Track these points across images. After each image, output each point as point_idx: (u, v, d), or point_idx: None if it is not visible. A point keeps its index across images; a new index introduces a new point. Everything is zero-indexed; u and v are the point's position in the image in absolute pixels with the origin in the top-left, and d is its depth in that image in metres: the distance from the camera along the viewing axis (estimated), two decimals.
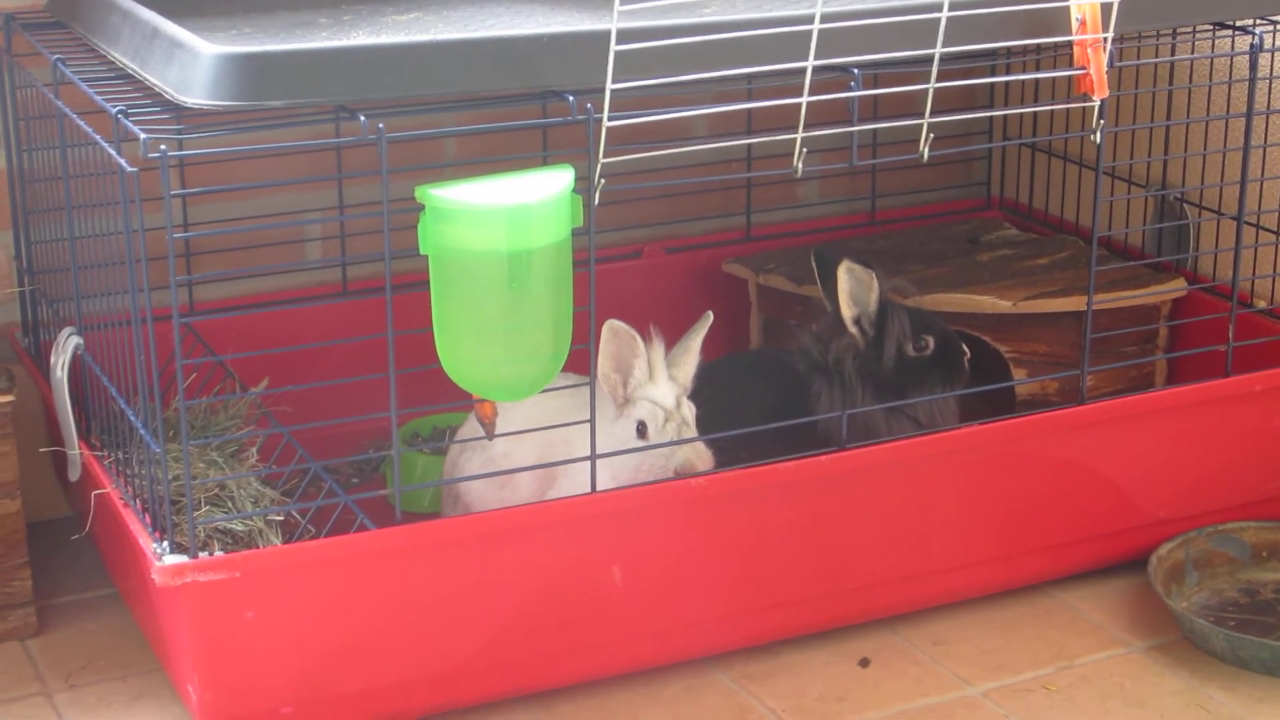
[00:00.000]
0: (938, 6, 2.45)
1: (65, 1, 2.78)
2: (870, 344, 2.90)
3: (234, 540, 2.53)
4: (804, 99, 2.41)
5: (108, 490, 2.53)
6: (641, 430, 2.59)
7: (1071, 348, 3.10)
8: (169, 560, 2.31)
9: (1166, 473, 2.88)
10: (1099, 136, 2.65)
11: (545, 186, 2.32)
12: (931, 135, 2.53)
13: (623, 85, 2.30)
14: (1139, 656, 2.74)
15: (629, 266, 3.45)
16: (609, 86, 2.29)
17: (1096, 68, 2.56)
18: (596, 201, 2.36)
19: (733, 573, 2.62)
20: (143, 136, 2.17)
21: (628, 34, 2.27)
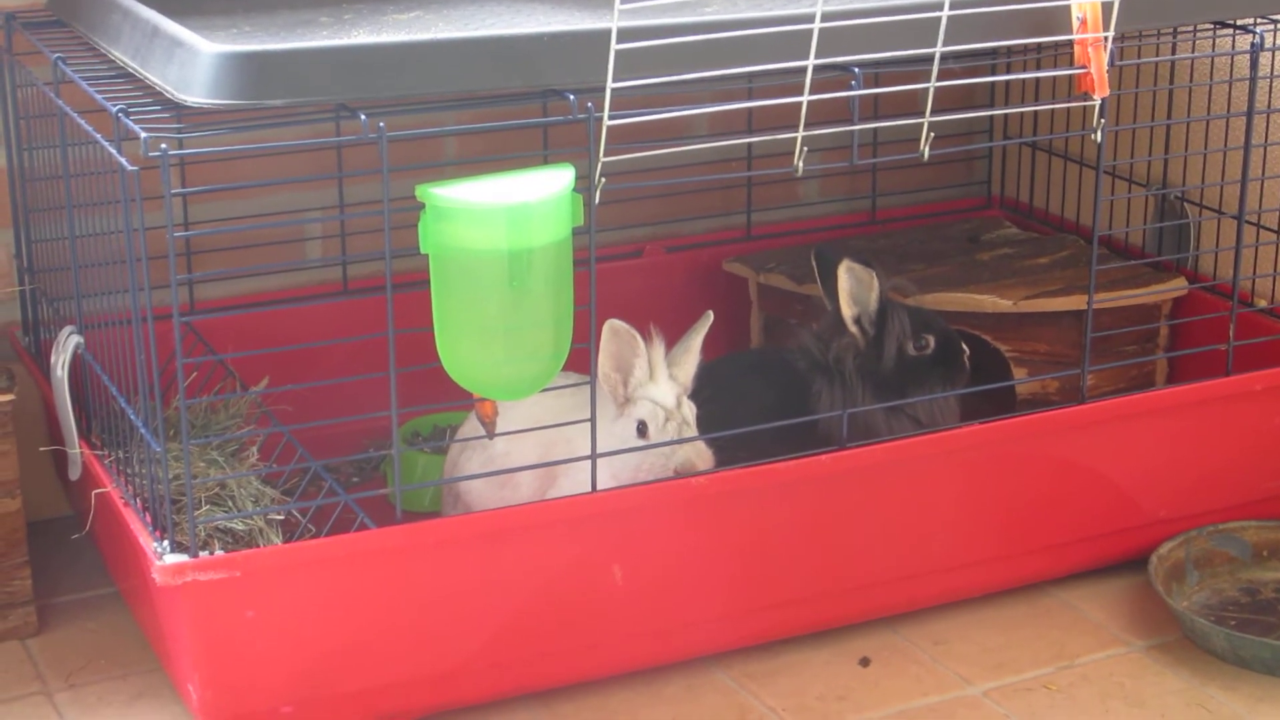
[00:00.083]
0: (938, 5, 2.45)
1: (66, 0, 2.78)
2: (871, 343, 2.90)
3: (234, 539, 2.53)
4: (804, 98, 2.41)
5: (108, 489, 2.53)
6: (642, 429, 2.59)
7: (1072, 347, 3.10)
8: (169, 559, 2.31)
9: (1167, 472, 2.88)
10: (1099, 135, 2.65)
11: (546, 185, 2.31)
12: (932, 134, 2.52)
13: (623, 84, 2.30)
14: (1139, 656, 2.74)
15: (629, 265, 3.45)
16: (609, 85, 2.28)
17: (1097, 67, 2.56)
18: (597, 200, 2.35)
19: (733, 572, 2.62)
20: (143, 135, 2.16)
21: (628, 33, 2.27)
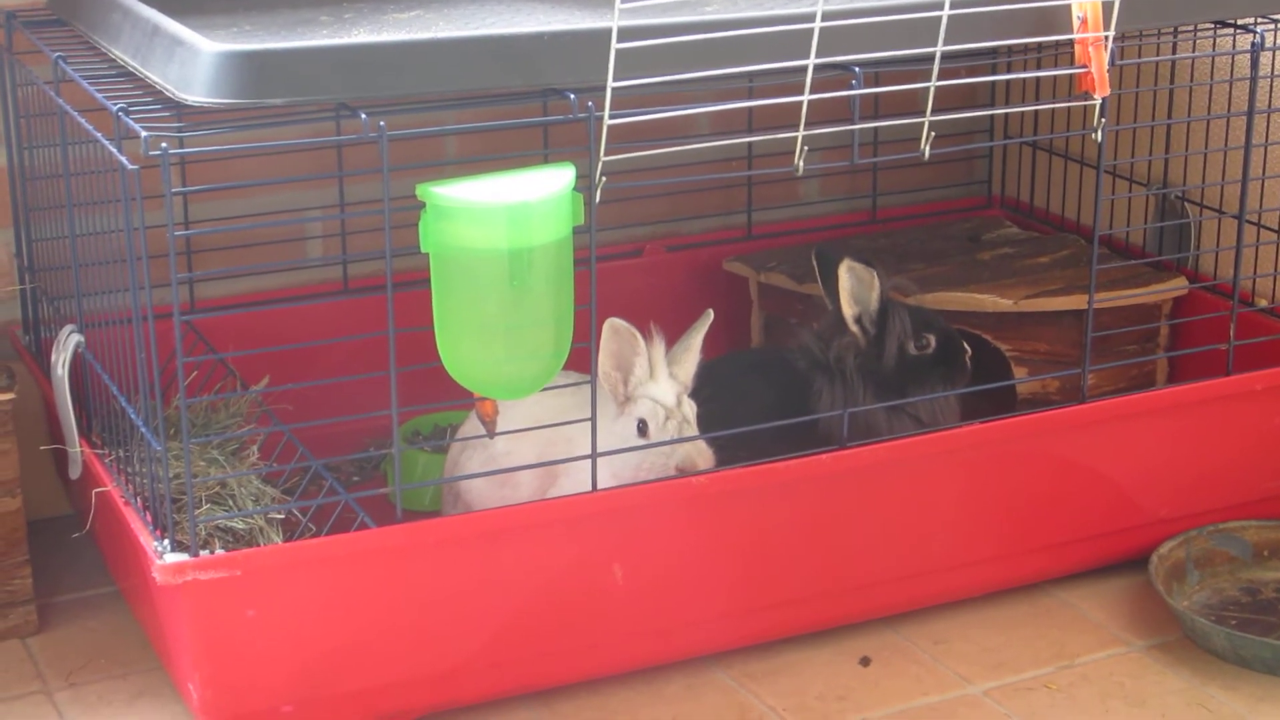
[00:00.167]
0: (939, 5, 2.44)
1: None
2: (871, 342, 2.90)
3: (235, 538, 2.53)
4: (805, 97, 2.41)
5: (108, 488, 2.53)
6: (642, 428, 2.59)
7: (1072, 346, 3.10)
8: (170, 558, 2.31)
9: (1167, 471, 2.88)
10: (1100, 135, 2.65)
11: (546, 184, 2.31)
12: (933, 134, 2.52)
13: (624, 83, 2.30)
14: (1140, 655, 2.74)
15: (630, 264, 3.45)
16: (610, 84, 2.28)
17: (1098, 66, 2.56)
18: (597, 199, 2.35)
19: (733, 571, 2.61)
20: (144, 134, 2.16)
21: (629, 32, 2.27)
